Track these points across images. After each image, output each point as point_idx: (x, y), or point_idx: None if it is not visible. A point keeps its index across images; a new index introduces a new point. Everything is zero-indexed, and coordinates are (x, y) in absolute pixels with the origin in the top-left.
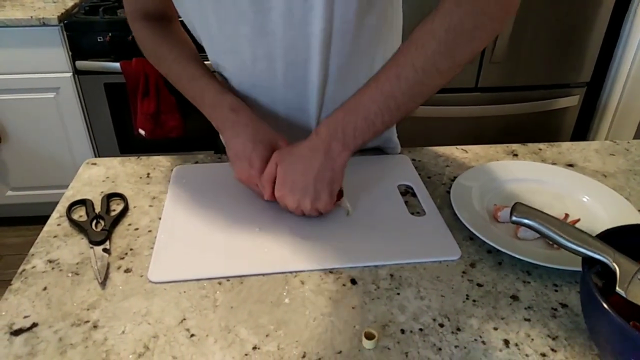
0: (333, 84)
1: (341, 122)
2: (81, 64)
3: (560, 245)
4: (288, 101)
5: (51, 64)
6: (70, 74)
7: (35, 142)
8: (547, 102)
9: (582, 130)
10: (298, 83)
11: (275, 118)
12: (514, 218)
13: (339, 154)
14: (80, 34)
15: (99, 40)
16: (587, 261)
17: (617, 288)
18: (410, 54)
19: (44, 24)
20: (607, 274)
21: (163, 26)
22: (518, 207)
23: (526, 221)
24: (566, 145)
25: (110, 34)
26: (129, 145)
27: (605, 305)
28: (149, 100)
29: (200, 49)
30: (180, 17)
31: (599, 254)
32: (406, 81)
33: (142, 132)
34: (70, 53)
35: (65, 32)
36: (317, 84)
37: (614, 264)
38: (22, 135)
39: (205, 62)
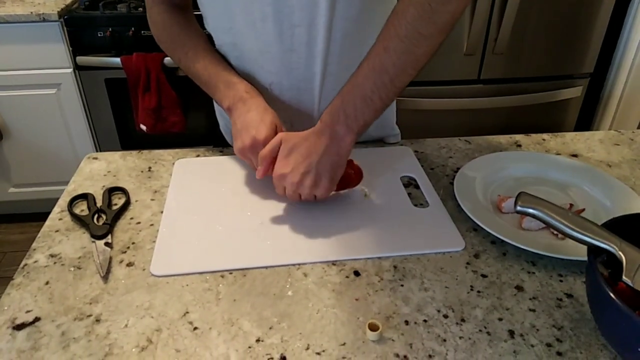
0: (336, 54)
1: (341, 106)
2: (82, 59)
3: (566, 235)
4: (294, 68)
5: (52, 60)
6: (70, 70)
7: (37, 138)
8: (550, 94)
9: (586, 122)
10: (303, 47)
11: (280, 87)
12: (518, 208)
13: (343, 137)
14: (81, 30)
15: (99, 35)
16: (593, 250)
17: (624, 277)
18: (392, 24)
19: (44, 20)
20: (613, 263)
21: (181, 14)
22: (523, 197)
23: (531, 211)
24: (570, 135)
25: (110, 29)
26: (130, 140)
27: (611, 295)
28: (150, 96)
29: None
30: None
31: (604, 243)
32: (394, 52)
33: (143, 127)
34: (70, 48)
35: (65, 28)
36: (322, 48)
37: (620, 252)
38: (24, 132)
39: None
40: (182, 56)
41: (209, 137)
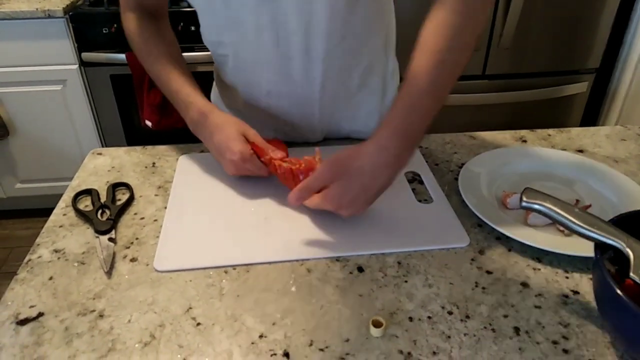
0: (336, 57)
1: (405, 128)
2: (87, 55)
3: (572, 231)
4: (292, 75)
5: (57, 56)
6: (76, 66)
7: (43, 134)
8: (556, 89)
9: (592, 117)
10: (301, 54)
11: (279, 94)
12: (524, 203)
13: (407, 161)
14: (86, 26)
15: (104, 31)
16: (600, 247)
17: (631, 274)
18: (439, 37)
19: (50, 16)
20: (620, 259)
21: (153, 22)
22: (528, 192)
23: (536, 206)
24: (576, 130)
25: (115, 25)
26: (135, 136)
27: (618, 292)
28: (155, 92)
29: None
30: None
31: (612, 239)
32: (445, 65)
33: (148, 123)
34: (76, 45)
35: (70, 24)
36: (320, 53)
37: (628, 249)
38: (30, 128)
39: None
40: (149, 65)
41: None
